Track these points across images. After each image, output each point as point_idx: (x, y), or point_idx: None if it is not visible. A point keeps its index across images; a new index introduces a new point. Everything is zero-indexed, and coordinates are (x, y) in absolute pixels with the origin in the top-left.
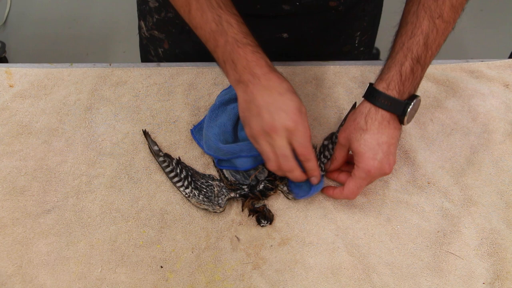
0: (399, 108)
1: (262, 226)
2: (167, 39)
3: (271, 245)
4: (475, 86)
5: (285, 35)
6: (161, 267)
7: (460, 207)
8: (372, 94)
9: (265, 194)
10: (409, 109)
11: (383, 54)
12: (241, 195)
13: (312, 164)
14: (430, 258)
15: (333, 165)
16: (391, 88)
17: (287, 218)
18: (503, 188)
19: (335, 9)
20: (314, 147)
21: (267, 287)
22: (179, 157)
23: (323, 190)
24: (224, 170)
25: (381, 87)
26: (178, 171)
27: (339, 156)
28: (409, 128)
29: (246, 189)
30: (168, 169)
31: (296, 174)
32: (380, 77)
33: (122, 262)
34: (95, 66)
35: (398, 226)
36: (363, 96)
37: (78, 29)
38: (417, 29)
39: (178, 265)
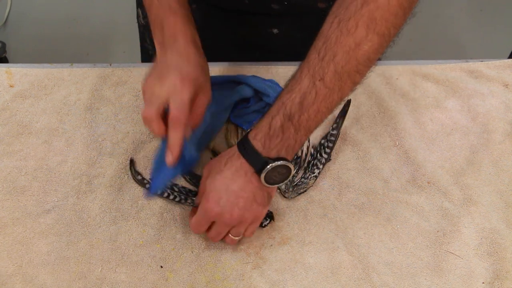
0: (257, 163)
1: (265, 226)
2: None
3: (271, 245)
4: (475, 86)
5: (275, 30)
6: (161, 266)
7: (460, 207)
8: (242, 140)
9: None
10: (266, 168)
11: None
12: None
13: (175, 137)
14: (430, 258)
15: (197, 200)
16: (257, 139)
17: (287, 217)
18: (502, 188)
19: (324, 11)
20: (313, 148)
21: (267, 286)
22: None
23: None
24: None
25: (250, 136)
26: (169, 190)
27: (201, 188)
28: (409, 128)
29: None
30: (159, 193)
31: (152, 127)
32: (254, 125)
33: (122, 261)
34: (95, 66)
35: (398, 226)
36: (238, 141)
37: (78, 29)
38: (296, 86)
39: (178, 264)
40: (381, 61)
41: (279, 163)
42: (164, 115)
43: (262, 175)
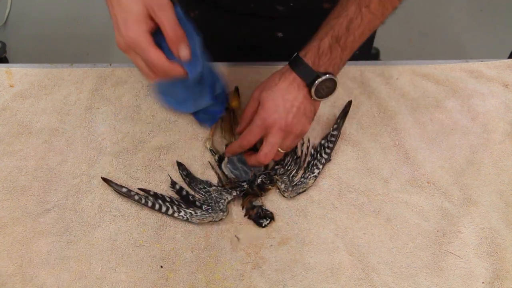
0: (309, 76)
1: (265, 226)
2: None
3: (271, 245)
4: (475, 86)
5: (280, 34)
6: (161, 266)
7: (460, 207)
8: (294, 59)
9: (263, 188)
10: (317, 81)
11: (383, 54)
12: (242, 192)
13: (164, 71)
14: (430, 258)
15: (242, 125)
16: (307, 57)
17: (287, 217)
18: (502, 188)
19: (329, 12)
20: (313, 148)
21: (267, 286)
22: (154, 192)
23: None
24: (224, 169)
25: (301, 54)
26: (161, 202)
27: (248, 111)
28: (409, 128)
29: (246, 185)
30: (149, 205)
31: (163, 73)
32: (304, 47)
33: (122, 261)
34: (95, 66)
35: (398, 226)
36: (289, 61)
37: (78, 29)
38: (343, 12)
39: (178, 264)
40: (381, 61)
41: (327, 76)
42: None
43: (313, 88)
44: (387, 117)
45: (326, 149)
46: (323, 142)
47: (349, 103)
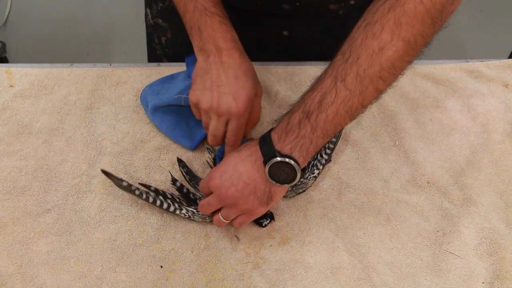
0: (267, 154)
1: (265, 225)
2: (170, 28)
3: (271, 245)
4: (475, 86)
5: (285, 32)
6: (161, 266)
7: (460, 207)
8: (267, 132)
9: None
10: (271, 162)
11: None
12: None
13: (229, 149)
14: (430, 258)
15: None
16: (275, 131)
17: (287, 217)
18: (502, 188)
19: (335, 13)
20: None
21: (267, 286)
22: (155, 188)
23: None
24: None
25: (273, 128)
26: (162, 198)
27: None
28: (409, 128)
29: None
30: (151, 200)
31: (220, 143)
32: (278, 122)
33: (122, 261)
34: (95, 66)
35: (398, 226)
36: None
37: (78, 29)
38: (317, 85)
39: (178, 264)
40: None
41: (286, 160)
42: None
43: (267, 166)
44: (387, 117)
45: (327, 150)
46: None
47: None
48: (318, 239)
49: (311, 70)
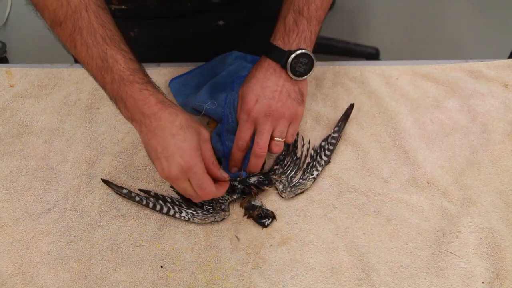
0: (281, 57)
1: (267, 225)
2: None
3: (271, 245)
4: (475, 86)
5: (221, 22)
6: (161, 266)
7: (460, 207)
8: (267, 47)
9: (259, 187)
10: (290, 60)
11: (383, 54)
12: (242, 193)
13: (218, 194)
14: (430, 258)
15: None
16: (276, 39)
17: (287, 217)
18: (502, 188)
19: None
20: (313, 149)
21: (267, 286)
22: (155, 193)
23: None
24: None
25: (271, 40)
26: (162, 202)
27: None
28: (409, 128)
29: (239, 186)
30: (151, 206)
31: (210, 197)
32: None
33: (122, 261)
34: None
35: (398, 226)
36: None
37: None
38: None
39: (178, 264)
40: (381, 61)
41: (299, 52)
42: None
43: (288, 66)
44: (387, 117)
45: (326, 151)
46: (323, 144)
47: (352, 106)
48: (318, 239)
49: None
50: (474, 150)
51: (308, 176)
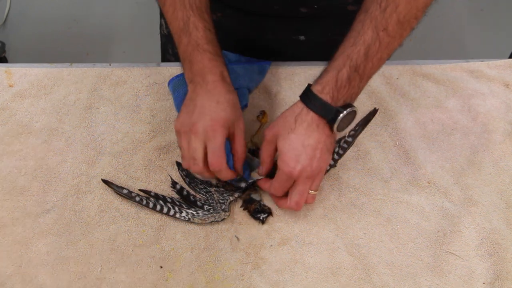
0: (330, 113)
1: (263, 220)
2: None
3: (271, 245)
4: (475, 86)
5: (302, 37)
6: (161, 266)
7: (460, 207)
8: (307, 95)
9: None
10: (340, 117)
11: None
12: (242, 193)
13: (223, 175)
14: (430, 258)
15: (264, 168)
16: (325, 92)
17: (287, 218)
18: (503, 188)
19: (354, 13)
20: None
21: (266, 287)
22: (155, 193)
23: (259, 182)
24: None
25: (316, 90)
26: (162, 203)
27: (266, 154)
28: (409, 128)
29: (244, 185)
30: (151, 206)
31: (205, 175)
32: (317, 80)
33: (122, 261)
34: (94, 66)
35: (398, 226)
36: (300, 96)
37: (78, 29)
38: (359, 38)
39: (177, 264)
40: None
41: (349, 110)
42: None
43: (336, 124)
44: (387, 117)
45: (335, 155)
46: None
47: (375, 110)
48: (318, 239)
49: (311, 70)
50: (475, 150)
51: None
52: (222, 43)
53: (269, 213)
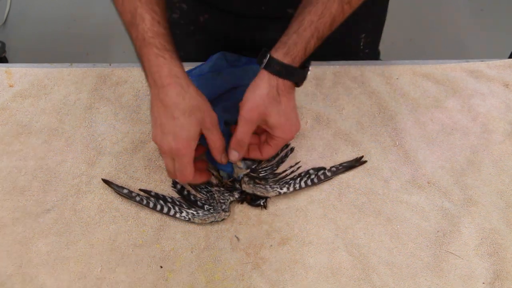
0: (303, 79)
1: (264, 204)
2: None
3: (271, 245)
4: (475, 86)
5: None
6: (161, 266)
7: (460, 207)
8: (274, 66)
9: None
10: (307, 77)
11: (383, 54)
12: (242, 193)
13: (196, 182)
14: (430, 258)
15: (241, 152)
16: (296, 62)
17: (287, 218)
18: (503, 188)
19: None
20: (305, 172)
21: (267, 287)
22: (155, 193)
23: (250, 154)
24: (220, 171)
25: (287, 61)
26: (162, 202)
27: (247, 136)
28: (409, 128)
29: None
30: (151, 206)
31: (184, 182)
32: (287, 51)
33: (122, 261)
34: (95, 66)
35: (398, 226)
36: (265, 68)
37: (78, 29)
38: (326, 11)
39: (177, 264)
40: (381, 61)
41: (310, 67)
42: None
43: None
44: (387, 117)
45: (308, 181)
46: (311, 172)
47: (360, 159)
48: (318, 239)
49: (311, 70)
50: (475, 150)
51: (275, 187)
52: (210, 45)
53: (266, 197)
